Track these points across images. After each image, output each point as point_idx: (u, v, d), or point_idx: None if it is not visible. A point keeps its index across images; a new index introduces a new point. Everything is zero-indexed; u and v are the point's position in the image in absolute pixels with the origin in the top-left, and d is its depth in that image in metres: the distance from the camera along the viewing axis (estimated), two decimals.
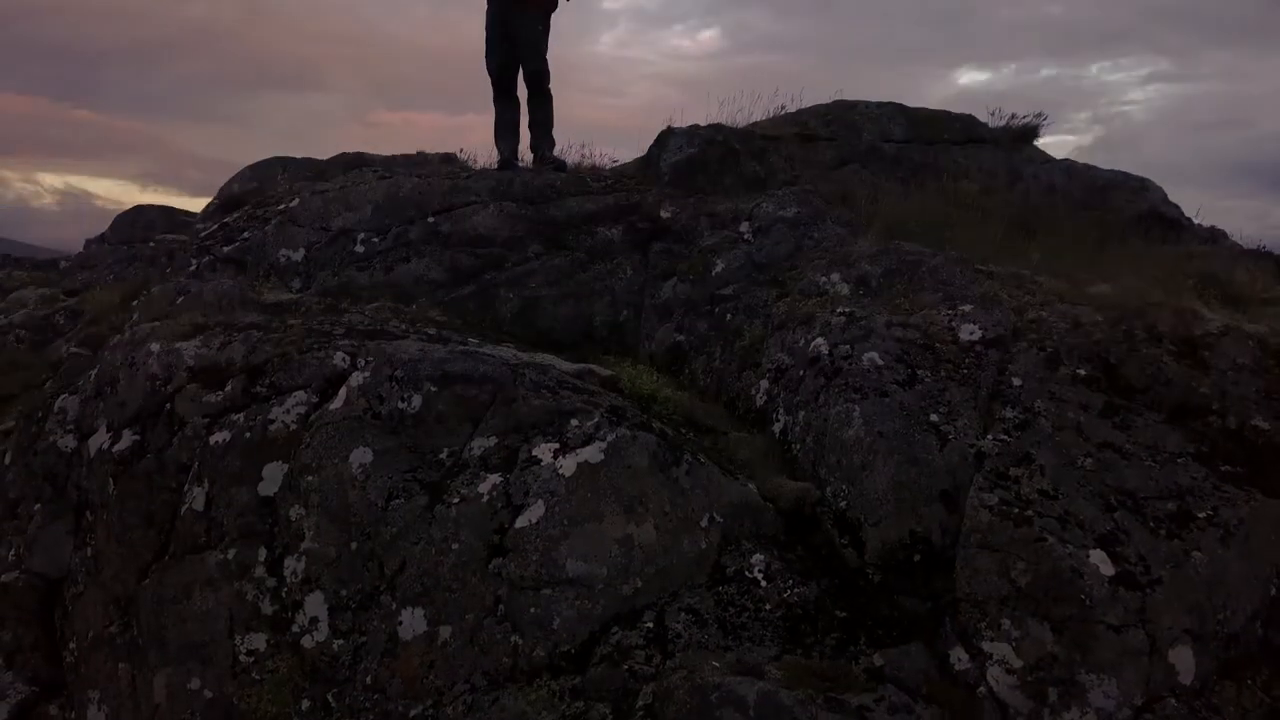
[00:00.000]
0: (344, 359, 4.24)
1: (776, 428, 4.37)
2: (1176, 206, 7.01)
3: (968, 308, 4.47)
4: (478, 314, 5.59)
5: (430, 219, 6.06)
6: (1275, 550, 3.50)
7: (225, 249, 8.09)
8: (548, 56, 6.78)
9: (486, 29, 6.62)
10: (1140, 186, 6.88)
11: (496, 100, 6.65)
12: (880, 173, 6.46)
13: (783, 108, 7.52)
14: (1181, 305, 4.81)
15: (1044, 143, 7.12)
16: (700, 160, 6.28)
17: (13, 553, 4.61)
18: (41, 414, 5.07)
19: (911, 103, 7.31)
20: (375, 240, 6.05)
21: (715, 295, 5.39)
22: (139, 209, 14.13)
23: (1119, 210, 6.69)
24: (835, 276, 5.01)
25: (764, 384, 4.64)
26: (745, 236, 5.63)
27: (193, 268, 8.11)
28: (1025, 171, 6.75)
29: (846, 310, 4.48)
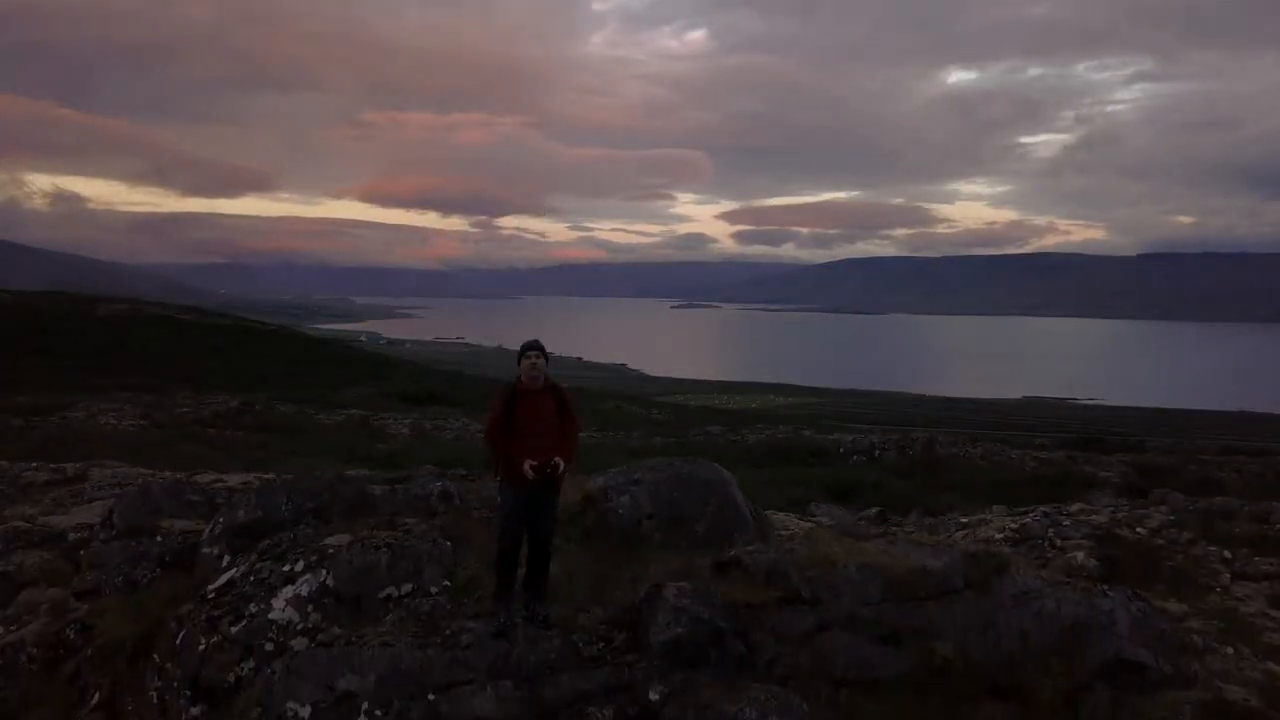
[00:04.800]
0: None
1: None
2: (1145, 644, 7.38)
3: None
4: None
5: (431, 696, 6.38)
6: None
7: (233, 629, 8.39)
8: None
9: (510, 507, 7.04)
10: (1108, 622, 7.24)
11: (502, 568, 7.06)
12: (860, 636, 6.80)
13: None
14: None
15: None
16: (688, 639, 6.63)
17: None
18: None
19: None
20: (379, 714, 6.36)
21: None
22: (145, 491, 14.42)
23: (1088, 654, 7.06)
24: None
25: None
26: None
27: (202, 647, 8.41)
28: (998, 618, 7.11)
29: None
